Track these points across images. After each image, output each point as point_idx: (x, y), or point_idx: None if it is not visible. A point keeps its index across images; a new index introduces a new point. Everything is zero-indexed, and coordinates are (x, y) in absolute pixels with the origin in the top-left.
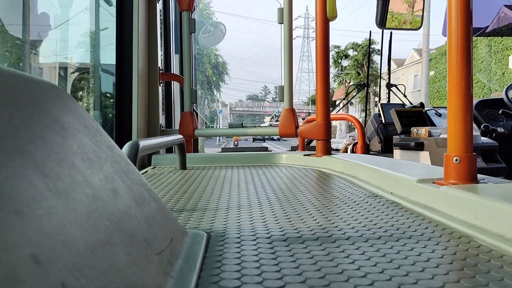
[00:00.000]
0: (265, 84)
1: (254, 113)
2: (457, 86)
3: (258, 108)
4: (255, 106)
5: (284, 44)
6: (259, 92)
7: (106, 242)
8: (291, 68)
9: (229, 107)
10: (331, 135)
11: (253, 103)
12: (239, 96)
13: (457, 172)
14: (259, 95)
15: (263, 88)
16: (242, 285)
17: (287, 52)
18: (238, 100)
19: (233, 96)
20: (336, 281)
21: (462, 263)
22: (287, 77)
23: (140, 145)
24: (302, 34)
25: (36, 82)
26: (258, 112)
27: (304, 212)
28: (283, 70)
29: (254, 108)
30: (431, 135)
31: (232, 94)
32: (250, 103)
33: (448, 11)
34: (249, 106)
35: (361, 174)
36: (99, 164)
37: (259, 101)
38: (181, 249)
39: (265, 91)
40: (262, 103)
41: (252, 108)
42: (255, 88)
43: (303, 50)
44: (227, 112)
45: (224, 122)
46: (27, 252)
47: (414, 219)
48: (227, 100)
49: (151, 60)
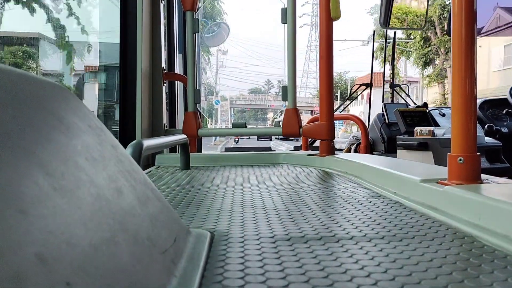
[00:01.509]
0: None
1: (257, 107)
2: (461, 86)
3: (262, 101)
4: (259, 99)
5: (287, 44)
6: (262, 86)
7: (110, 241)
8: (294, 68)
9: (230, 100)
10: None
11: (256, 96)
12: (239, 89)
13: (461, 172)
14: (262, 89)
15: (266, 82)
16: (245, 284)
17: (291, 52)
18: (239, 94)
19: (233, 89)
20: (339, 280)
21: (466, 263)
22: (291, 77)
23: (144, 145)
24: (309, 22)
25: (40, 82)
26: (262, 106)
27: (307, 212)
28: (287, 70)
29: (258, 102)
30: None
31: (232, 86)
32: (252, 96)
33: (453, 11)
34: (251, 100)
35: (365, 174)
36: (103, 164)
37: (263, 94)
38: (184, 248)
39: (268, 85)
40: (265, 96)
41: (256, 101)
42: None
43: (311, 40)
44: (227, 106)
45: (223, 117)
46: (31, 251)
47: (418, 219)
48: (226, 92)
49: (155, 60)
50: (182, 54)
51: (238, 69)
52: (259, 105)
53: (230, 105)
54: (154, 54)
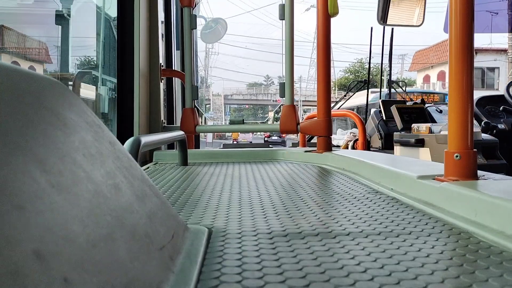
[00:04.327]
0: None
1: (258, 103)
2: (458, 83)
3: (264, 95)
4: (260, 93)
5: (285, 41)
6: (262, 80)
7: (108, 237)
8: (292, 65)
9: (224, 96)
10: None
11: (257, 90)
12: (236, 86)
13: (458, 169)
14: (263, 84)
15: (265, 78)
16: (243, 280)
17: (288, 49)
18: (235, 88)
19: (229, 81)
20: (336, 276)
21: (462, 259)
22: (288, 74)
23: (142, 141)
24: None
25: (38, 78)
26: (264, 102)
27: (304, 208)
28: (284, 67)
29: (259, 96)
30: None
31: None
32: (252, 90)
33: (450, 8)
34: (252, 94)
35: (362, 170)
36: (101, 160)
37: (265, 86)
38: (182, 244)
39: (268, 81)
40: (267, 89)
41: (257, 95)
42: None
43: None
44: (221, 102)
45: (217, 114)
46: (29, 247)
47: (414, 215)
48: (218, 89)
49: (152, 56)
50: (180, 50)
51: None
52: (260, 101)
53: (225, 101)
54: (152, 50)
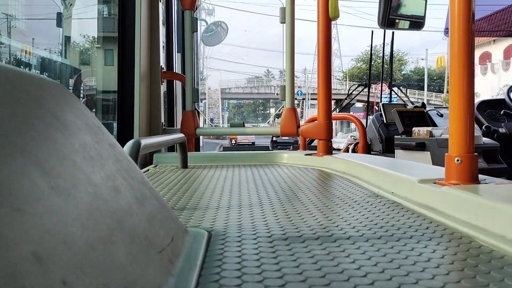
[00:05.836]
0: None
1: (259, 97)
2: (459, 86)
3: (266, 88)
4: (262, 85)
5: (286, 44)
6: (263, 74)
7: (107, 240)
8: (293, 69)
9: (221, 90)
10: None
11: (258, 83)
12: (236, 78)
13: (458, 173)
14: (264, 78)
15: (266, 73)
16: (242, 283)
17: (289, 52)
18: (233, 81)
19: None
20: (336, 280)
21: (463, 263)
22: (289, 77)
23: (142, 144)
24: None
25: (38, 80)
26: (266, 95)
27: (305, 212)
28: (285, 70)
29: (261, 89)
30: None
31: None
32: (253, 83)
33: (451, 11)
34: (252, 87)
35: (362, 174)
36: (101, 162)
37: (267, 79)
38: (182, 247)
39: (269, 76)
40: (270, 82)
41: (258, 88)
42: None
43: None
44: (218, 97)
45: (214, 110)
46: (28, 249)
47: (415, 219)
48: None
49: (153, 58)
50: (181, 53)
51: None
52: (262, 94)
53: (222, 95)
54: (153, 52)
